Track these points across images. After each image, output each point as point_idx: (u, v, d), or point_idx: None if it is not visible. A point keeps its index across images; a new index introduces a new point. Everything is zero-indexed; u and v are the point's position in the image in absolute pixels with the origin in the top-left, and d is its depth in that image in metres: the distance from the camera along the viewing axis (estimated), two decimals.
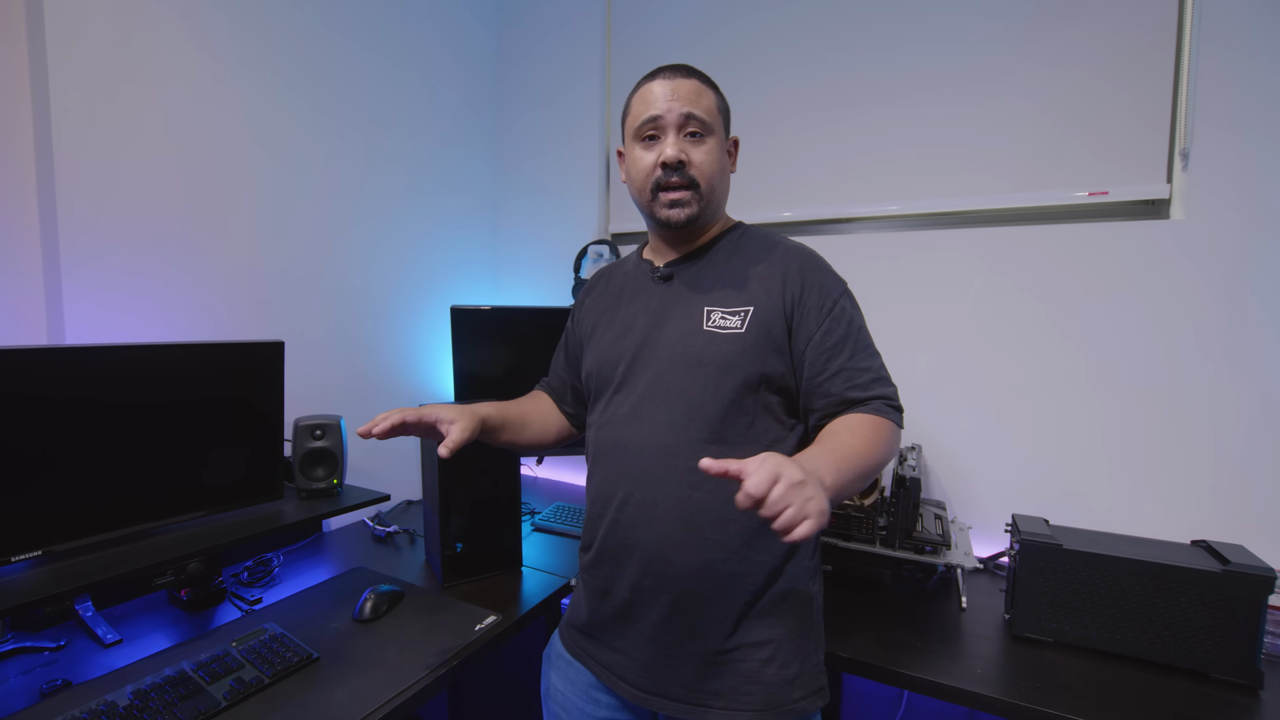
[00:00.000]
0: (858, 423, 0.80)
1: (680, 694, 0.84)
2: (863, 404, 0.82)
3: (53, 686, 0.92)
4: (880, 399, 0.83)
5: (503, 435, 0.99)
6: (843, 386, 0.83)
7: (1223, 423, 1.25)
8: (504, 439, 0.99)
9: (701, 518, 0.83)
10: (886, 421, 0.81)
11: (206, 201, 1.33)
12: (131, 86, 1.20)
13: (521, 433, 1.03)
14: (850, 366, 0.83)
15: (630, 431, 0.88)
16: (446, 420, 0.86)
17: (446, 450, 0.84)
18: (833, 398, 0.83)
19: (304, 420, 1.32)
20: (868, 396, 0.83)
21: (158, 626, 1.12)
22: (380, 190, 1.73)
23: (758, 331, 0.84)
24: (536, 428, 1.06)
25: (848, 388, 0.83)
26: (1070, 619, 1.08)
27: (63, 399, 0.97)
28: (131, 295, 1.22)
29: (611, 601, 0.89)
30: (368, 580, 1.26)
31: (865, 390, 0.83)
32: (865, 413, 0.81)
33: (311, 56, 1.53)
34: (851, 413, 0.82)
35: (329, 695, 0.90)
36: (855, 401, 0.82)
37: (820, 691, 0.86)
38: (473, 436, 0.89)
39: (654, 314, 0.92)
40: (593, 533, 0.93)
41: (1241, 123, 1.22)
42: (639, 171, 0.90)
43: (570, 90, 2.04)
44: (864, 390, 0.83)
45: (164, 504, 1.10)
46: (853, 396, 0.82)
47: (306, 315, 1.55)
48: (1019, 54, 1.42)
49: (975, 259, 1.47)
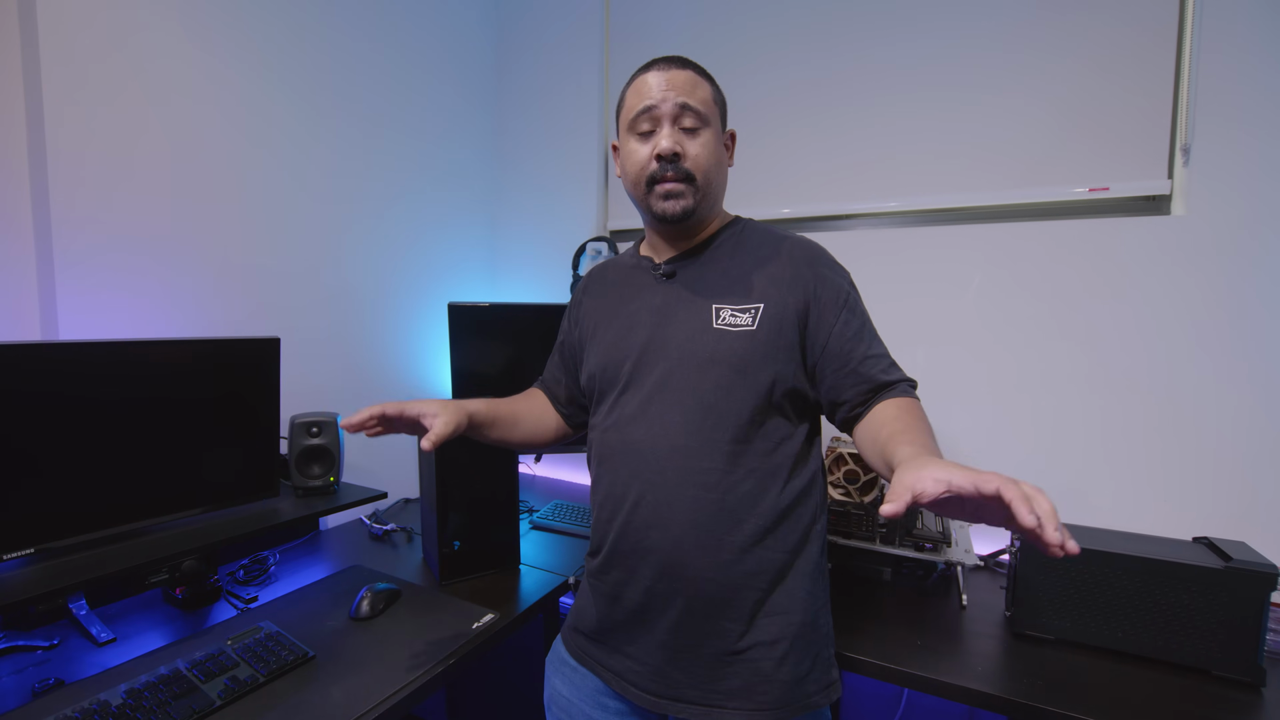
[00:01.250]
0: (904, 409, 0.79)
1: (694, 696, 0.83)
2: (892, 387, 0.82)
3: (45, 686, 0.91)
4: (906, 382, 0.84)
5: (493, 432, 0.98)
6: (874, 371, 0.83)
7: (1224, 418, 1.25)
8: (494, 435, 0.98)
9: (716, 519, 0.82)
10: (918, 403, 0.82)
11: (202, 197, 1.32)
12: (125, 82, 1.19)
13: (513, 430, 1.02)
14: (872, 354, 0.84)
15: (640, 433, 0.86)
16: (429, 414, 0.85)
17: (429, 444, 0.83)
18: (865, 383, 0.83)
19: (300, 417, 1.31)
20: (896, 379, 0.83)
21: (152, 625, 1.12)
22: (378, 187, 1.72)
23: (770, 329, 0.84)
24: (529, 426, 1.05)
25: (880, 372, 0.83)
26: (1071, 616, 1.07)
27: (56, 395, 0.96)
28: (125, 291, 1.21)
29: (623, 606, 0.87)
30: (364, 578, 1.25)
31: (890, 374, 0.83)
32: (899, 396, 0.81)
33: (308, 53, 1.52)
34: (887, 398, 0.81)
35: (324, 694, 0.90)
36: (886, 385, 0.82)
37: (832, 685, 0.86)
38: (457, 431, 0.87)
39: (658, 312, 0.90)
40: (601, 536, 0.91)
41: (1243, 118, 1.22)
42: (633, 165, 0.88)
43: (569, 87, 2.03)
44: (889, 374, 0.83)
45: (158, 501, 1.09)
46: (884, 379, 0.82)
47: (303, 312, 1.54)
48: (1019, 49, 1.41)
49: (975, 255, 1.46)
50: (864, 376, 0.82)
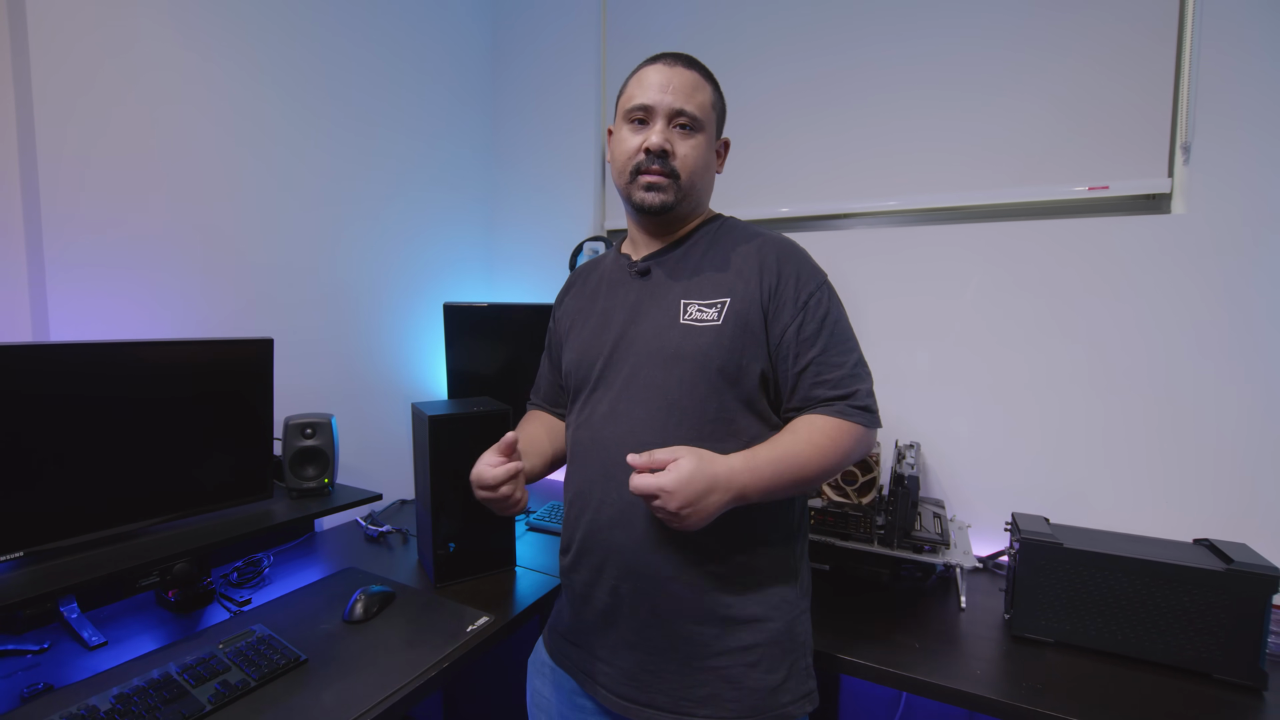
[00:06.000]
0: (807, 425, 0.79)
1: (664, 702, 0.82)
2: (825, 404, 0.80)
3: (34, 690, 0.90)
4: (843, 399, 0.80)
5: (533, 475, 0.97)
6: (809, 384, 0.81)
7: (1225, 419, 1.24)
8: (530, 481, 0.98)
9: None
10: (844, 424, 0.79)
11: (194, 198, 1.31)
12: (116, 82, 1.18)
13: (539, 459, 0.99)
14: (821, 361, 0.81)
15: (609, 431, 0.86)
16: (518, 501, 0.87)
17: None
18: (798, 395, 0.82)
19: (294, 418, 1.30)
20: (833, 396, 0.80)
21: (145, 628, 1.11)
22: (373, 188, 1.71)
23: (735, 324, 0.82)
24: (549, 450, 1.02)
25: (814, 384, 0.81)
26: (1071, 619, 1.06)
27: (47, 397, 0.95)
28: (118, 292, 1.20)
29: (592, 607, 0.87)
30: (359, 581, 1.24)
31: (833, 388, 0.80)
32: (826, 414, 0.80)
33: (301, 52, 1.51)
34: (814, 412, 0.80)
35: (316, 698, 0.89)
36: (819, 401, 0.81)
37: (809, 696, 0.84)
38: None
39: (630, 309, 0.90)
40: (571, 534, 0.91)
41: (1243, 116, 1.21)
42: (622, 152, 0.88)
43: (566, 86, 2.02)
44: (832, 388, 0.80)
45: (151, 504, 1.08)
46: (817, 395, 0.81)
47: (297, 312, 1.53)
48: (1019, 48, 1.40)
49: (974, 255, 1.45)
50: (798, 388, 0.82)
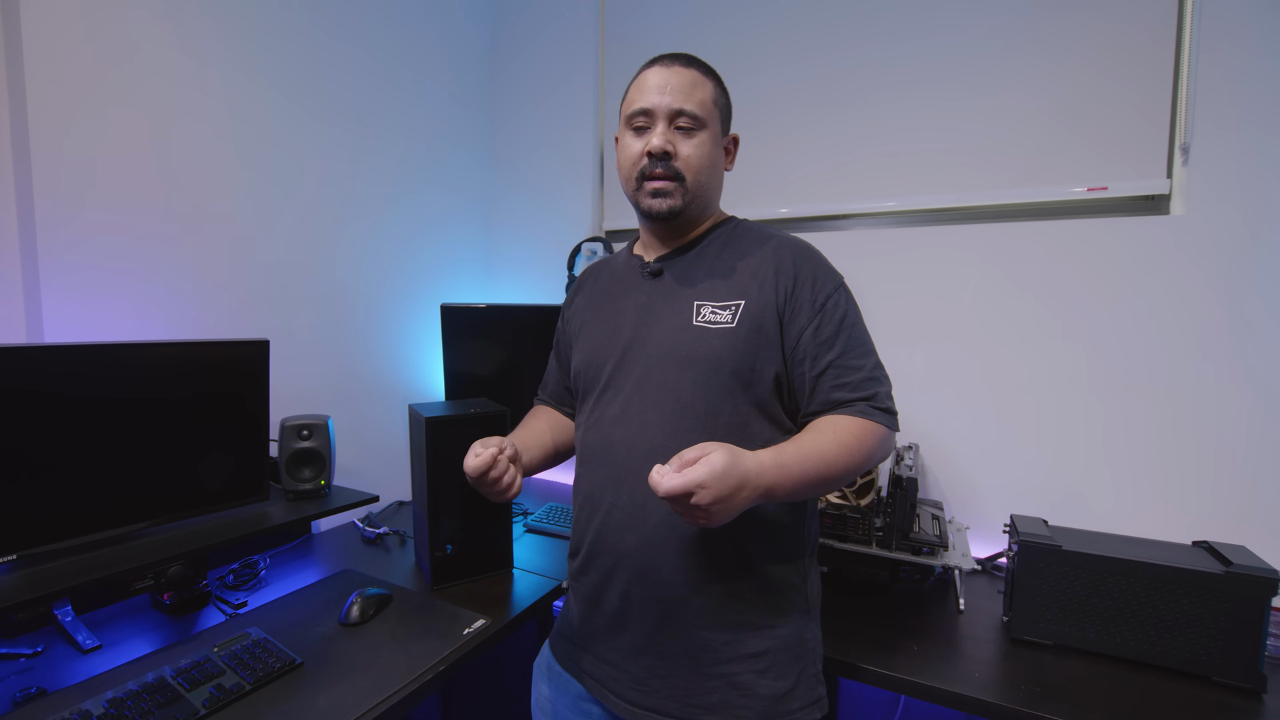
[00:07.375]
0: (831, 424, 0.78)
1: (672, 708, 0.81)
2: (847, 405, 0.80)
3: (26, 695, 0.90)
4: (865, 400, 0.80)
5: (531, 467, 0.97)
6: (829, 386, 0.80)
7: (1224, 421, 1.24)
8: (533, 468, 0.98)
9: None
10: (869, 424, 0.78)
11: (190, 199, 1.30)
12: (111, 82, 1.18)
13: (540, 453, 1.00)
14: (840, 364, 0.81)
15: (619, 433, 0.85)
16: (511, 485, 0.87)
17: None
18: (818, 398, 0.81)
19: (291, 420, 1.30)
20: (854, 398, 0.80)
21: (139, 631, 1.10)
22: (370, 189, 1.71)
23: (749, 326, 0.82)
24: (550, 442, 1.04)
25: (834, 387, 0.80)
26: (1070, 621, 1.06)
27: (41, 399, 0.94)
28: (113, 294, 1.19)
29: (602, 610, 0.86)
30: (356, 583, 1.23)
31: (853, 391, 0.80)
32: (849, 414, 0.79)
33: (298, 53, 1.50)
34: (835, 413, 0.80)
35: (311, 702, 0.88)
36: (840, 403, 0.80)
37: (818, 702, 0.83)
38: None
39: (643, 310, 0.89)
40: (580, 538, 0.91)
41: (1242, 117, 1.21)
42: (626, 159, 0.88)
43: (564, 87, 2.01)
44: (851, 391, 0.80)
45: (146, 506, 1.08)
46: (837, 398, 0.80)
47: (293, 314, 1.52)
48: (1018, 48, 1.40)
49: (973, 255, 1.45)
50: (817, 391, 0.81)
